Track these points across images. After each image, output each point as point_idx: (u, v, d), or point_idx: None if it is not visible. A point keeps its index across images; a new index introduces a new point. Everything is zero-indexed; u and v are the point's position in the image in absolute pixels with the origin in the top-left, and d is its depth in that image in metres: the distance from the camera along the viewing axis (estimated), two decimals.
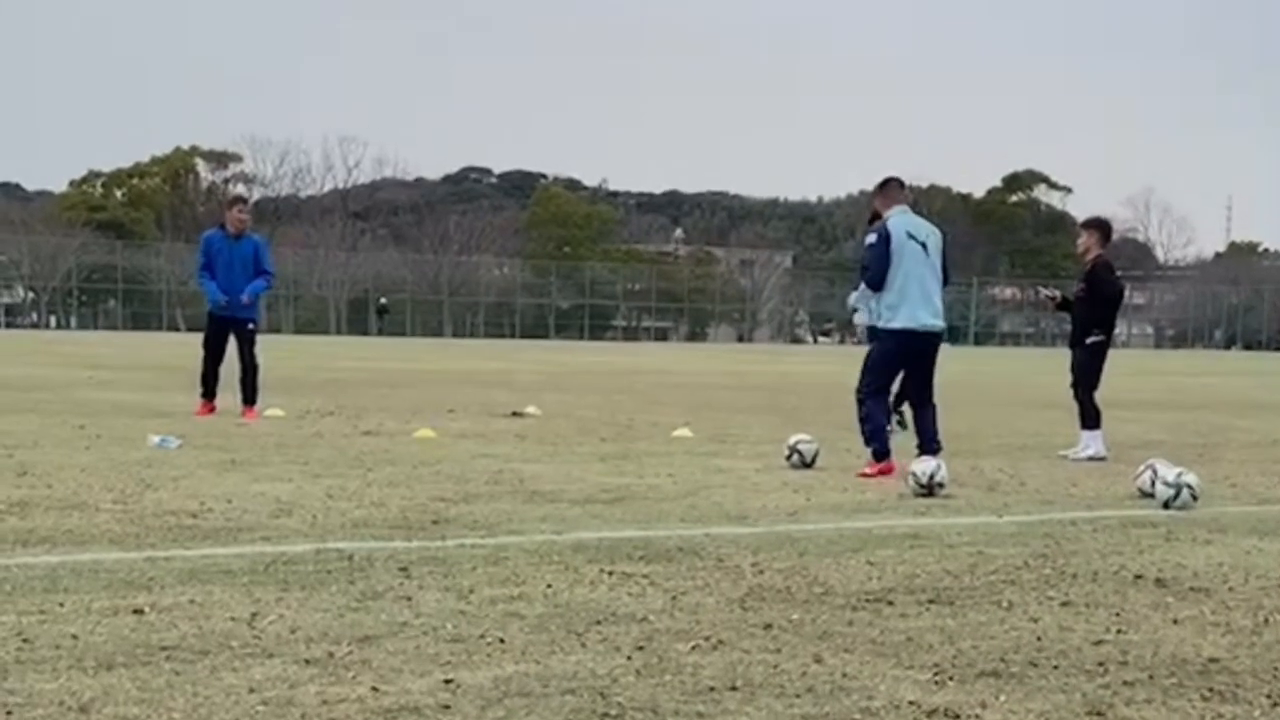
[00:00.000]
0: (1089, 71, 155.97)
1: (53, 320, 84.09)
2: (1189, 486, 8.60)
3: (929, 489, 8.92)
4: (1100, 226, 12.41)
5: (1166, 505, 8.52)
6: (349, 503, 8.10)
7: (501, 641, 4.77)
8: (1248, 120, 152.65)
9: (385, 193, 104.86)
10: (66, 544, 6.54)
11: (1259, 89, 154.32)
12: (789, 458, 10.55)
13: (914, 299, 10.11)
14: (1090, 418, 11.87)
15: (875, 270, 10.16)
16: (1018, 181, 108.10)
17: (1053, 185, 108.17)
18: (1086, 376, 11.98)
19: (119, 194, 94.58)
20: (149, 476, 9.09)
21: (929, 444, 10.14)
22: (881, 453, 10.08)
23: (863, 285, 10.30)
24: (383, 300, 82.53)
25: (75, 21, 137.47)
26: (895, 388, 11.10)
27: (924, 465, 9.09)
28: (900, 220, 10.26)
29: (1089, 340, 12.01)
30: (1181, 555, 6.86)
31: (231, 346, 14.33)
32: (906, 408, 12.40)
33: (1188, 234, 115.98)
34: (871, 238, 10.32)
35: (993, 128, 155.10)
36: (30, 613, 5.06)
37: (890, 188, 10.59)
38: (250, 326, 14.43)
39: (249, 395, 14.27)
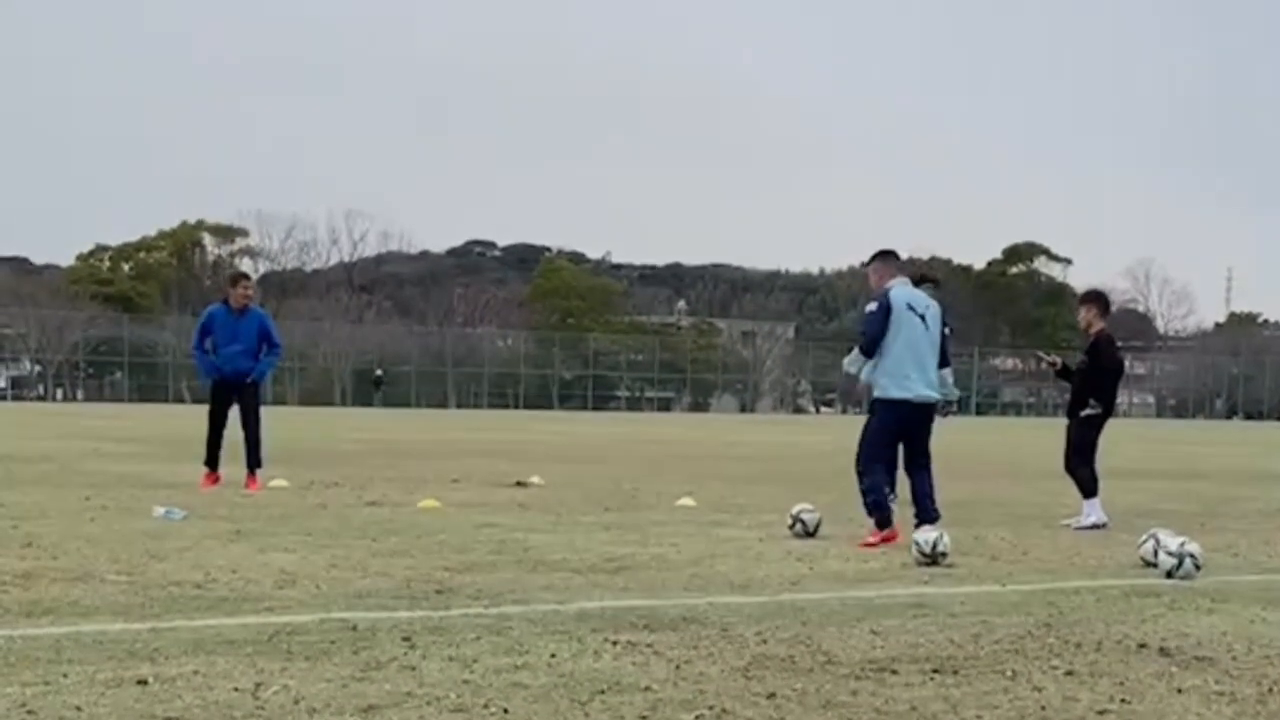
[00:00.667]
0: (1088, 144, 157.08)
1: (59, 392, 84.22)
2: (1192, 556, 8.60)
3: (932, 558, 8.93)
4: (1099, 299, 12.51)
5: (1170, 574, 8.51)
6: (353, 573, 8.11)
7: (505, 711, 4.78)
8: (1246, 191, 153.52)
9: (390, 266, 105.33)
10: (71, 615, 6.55)
11: (1257, 160, 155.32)
12: (792, 527, 10.57)
13: (911, 370, 10.25)
14: (1087, 486, 11.90)
15: (871, 336, 10.27)
16: (1018, 253, 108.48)
17: (1053, 257, 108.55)
18: (1082, 447, 12.02)
19: (126, 268, 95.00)
20: (154, 548, 9.10)
21: (926, 511, 10.20)
22: (884, 522, 10.12)
23: (855, 349, 10.40)
24: (379, 372, 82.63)
25: (81, 96, 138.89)
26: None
27: (926, 534, 9.11)
28: (901, 292, 10.38)
29: (1084, 412, 12.05)
30: (1185, 624, 6.85)
31: (234, 416, 14.39)
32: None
33: (1188, 305, 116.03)
34: (872, 305, 10.42)
35: (993, 199, 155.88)
36: (34, 684, 5.07)
37: (887, 260, 10.71)
38: (250, 380, 14.40)
39: (253, 459, 14.32)
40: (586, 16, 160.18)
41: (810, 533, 10.44)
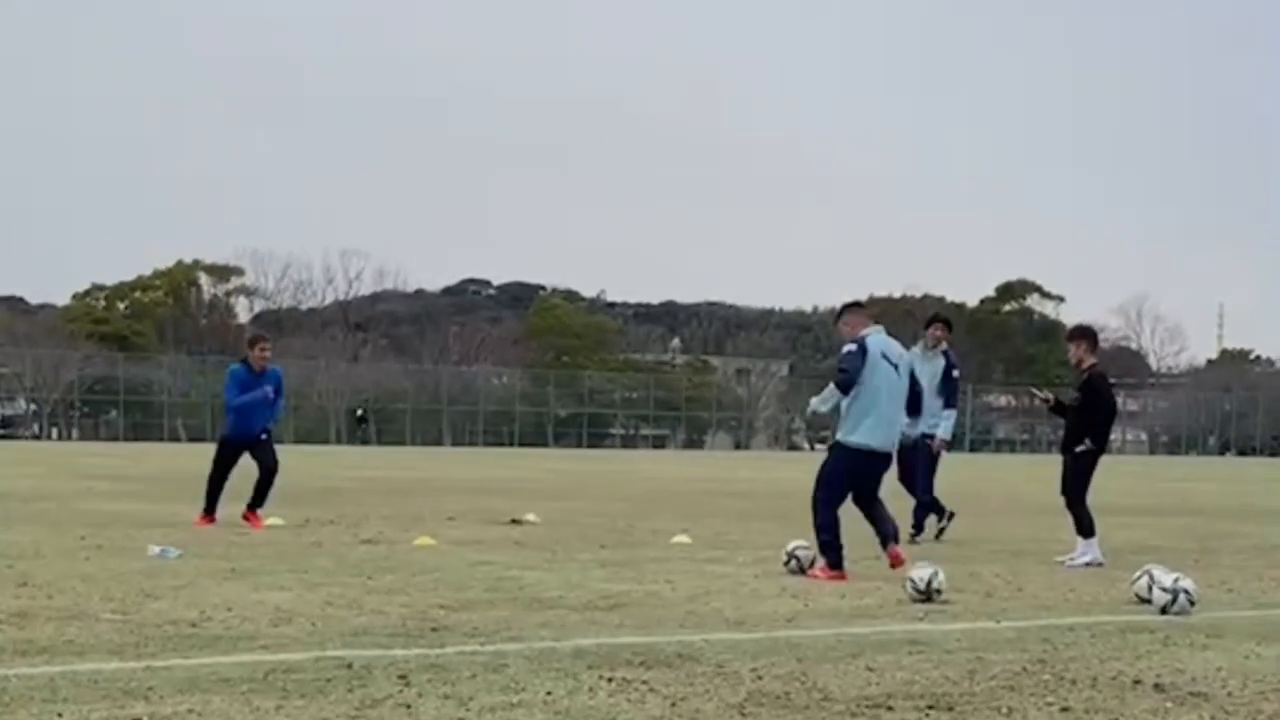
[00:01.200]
0: (1080, 181, 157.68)
1: (54, 431, 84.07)
2: (1186, 592, 8.63)
3: (927, 594, 8.94)
4: (1088, 335, 12.57)
5: (1164, 610, 8.53)
6: (348, 610, 8.11)
7: None
8: (1238, 228, 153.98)
9: (385, 304, 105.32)
10: (66, 654, 6.55)
11: (1248, 198, 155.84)
12: (787, 563, 10.58)
13: (876, 419, 10.39)
14: (1085, 525, 11.91)
15: (851, 372, 10.34)
16: (1011, 291, 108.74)
17: (1045, 294, 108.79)
18: (1076, 484, 12.04)
19: (121, 307, 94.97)
20: (149, 586, 9.10)
21: (887, 526, 10.51)
22: (835, 563, 10.28)
23: (830, 386, 10.54)
24: (360, 411, 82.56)
25: (77, 136, 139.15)
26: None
27: (921, 571, 9.13)
28: (877, 340, 10.54)
29: (1079, 449, 12.07)
30: (1180, 660, 6.87)
31: (245, 459, 14.69)
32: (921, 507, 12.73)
33: (1180, 342, 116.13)
34: (851, 346, 10.54)
35: (986, 237, 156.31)
36: None
37: (856, 311, 10.85)
38: (264, 436, 14.68)
39: (259, 498, 14.54)
40: (582, 56, 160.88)
41: (804, 569, 10.45)
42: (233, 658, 6.47)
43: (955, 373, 14.13)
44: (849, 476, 10.54)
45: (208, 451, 15.39)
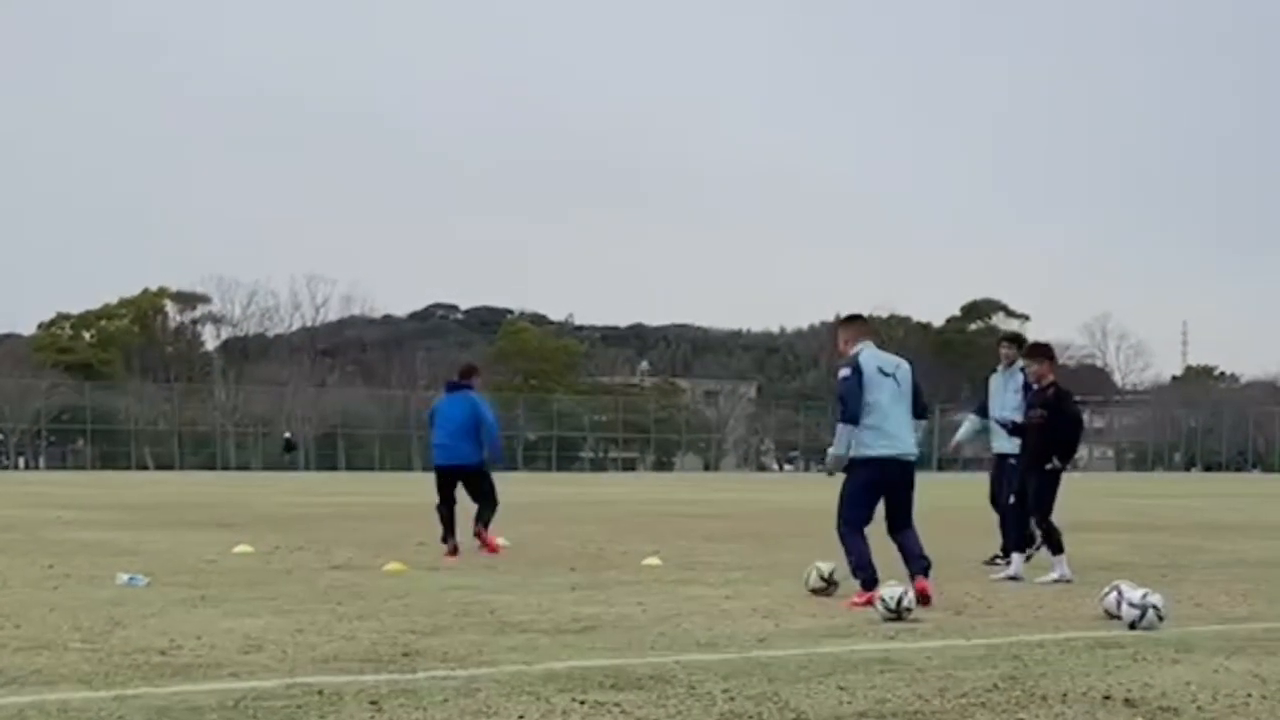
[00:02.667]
0: (1044, 199, 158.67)
1: (21, 461, 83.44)
2: (1155, 607, 8.68)
3: (897, 613, 8.96)
4: (1048, 352, 12.54)
5: (1133, 626, 8.58)
6: (319, 637, 8.08)
7: None
8: (1201, 245, 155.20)
9: (353, 330, 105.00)
10: (35, 684, 6.50)
11: (1212, 215, 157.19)
12: (815, 588, 10.50)
13: (888, 428, 10.16)
14: (1053, 542, 11.95)
15: (852, 403, 10.12)
16: (976, 310, 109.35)
17: (1010, 313, 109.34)
18: (1041, 502, 12.02)
19: (87, 335, 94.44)
20: (117, 615, 9.05)
21: (916, 562, 10.08)
22: (870, 582, 9.89)
23: (840, 426, 10.23)
24: (287, 434, 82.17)
25: (40, 164, 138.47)
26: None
27: (891, 590, 9.14)
28: (870, 355, 10.39)
29: (1047, 466, 12.07)
30: (1149, 675, 6.91)
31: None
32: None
33: (1145, 359, 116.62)
34: (845, 370, 10.31)
35: (950, 257, 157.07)
36: None
37: (853, 324, 10.79)
38: (481, 469, 14.97)
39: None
40: (550, 85, 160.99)
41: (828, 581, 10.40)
42: (203, 686, 6.44)
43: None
44: (866, 491, 10.19)
45: (175, 479, 15.32)
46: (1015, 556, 12.14)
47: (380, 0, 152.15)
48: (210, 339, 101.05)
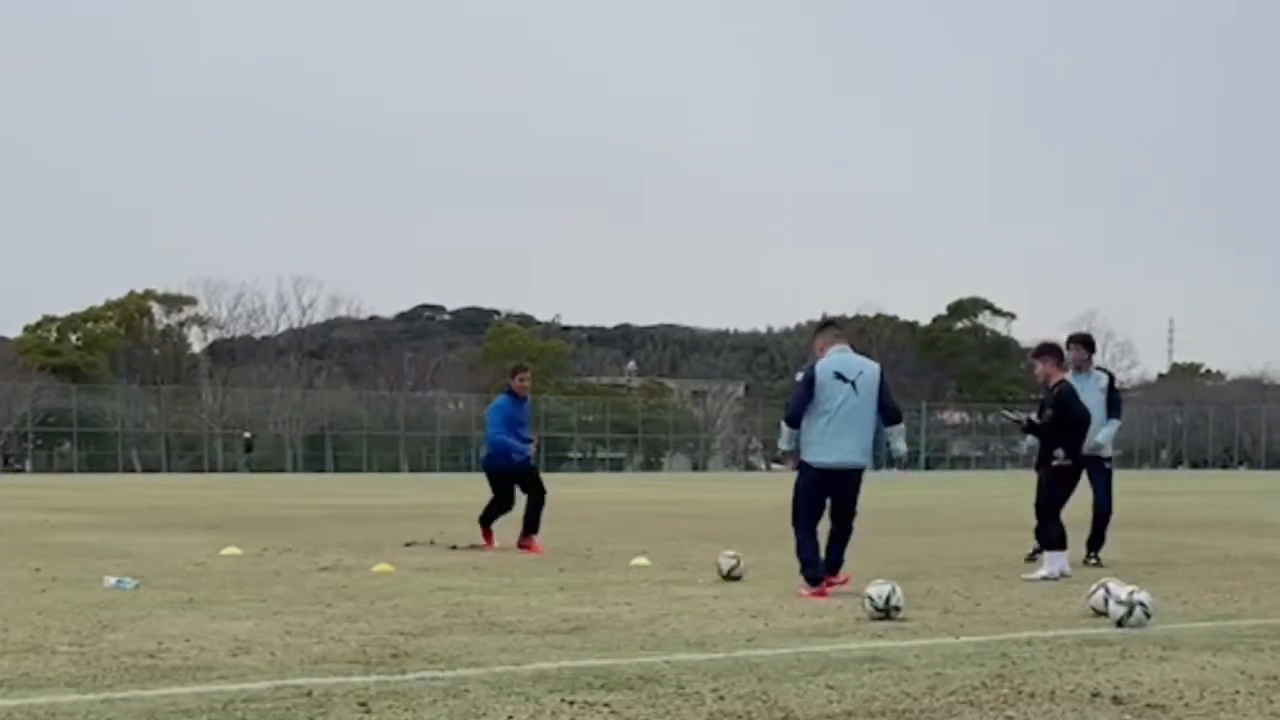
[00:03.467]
0: (1029, 198, 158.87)
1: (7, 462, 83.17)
2: (1142, 604, 8.70)
3: (885, 612, 8.98)
4: (1054, 351, 12.69)
5: (1120, 623, 8.61)
6: (308, 639, 8.08)
7: None
8: (1186, 243, 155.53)
9: (340, 331, 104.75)
10: (23, 687, 6.49)
11: (1199, 213, 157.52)
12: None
13: (833, 437, 10.58)
14: (1054, 538, 12.02)
15: (793, 409, 10.71)
16: (962, 308, 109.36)
17: (997, 311, 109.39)
18: (1051, 499, 12.14)
19: (73, 338, 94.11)
20: (106, 618, 9.03)
21: (830, 560, 10.68)
22: (813, 580, 10.49)
23: (784, 423, 10.82)
24: (247, 434, 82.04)
25: (24, 167, 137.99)
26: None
27: (879, 589, 9.17)
28: (830, 361, 10.72)
29: (1054, 463, 12.19)
30: (1137, 672, 6.93)
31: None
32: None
33: (1131, 357, 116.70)
34: (799, 376, 10.84)
35: (936, 256, 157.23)
36: None
37: (827, 332, 11.12)
38: (533, 464, 16.01)
39: (533, 524, 15.34)
40: (537, 87, 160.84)
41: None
42: (191, 688, 6.43)
43: (1115, 383, 13.89)
44: (809, 494, 10.77)
45: (162, 481, 15.31)
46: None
47: (367, 3, 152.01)
48: (197, 341, 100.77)
